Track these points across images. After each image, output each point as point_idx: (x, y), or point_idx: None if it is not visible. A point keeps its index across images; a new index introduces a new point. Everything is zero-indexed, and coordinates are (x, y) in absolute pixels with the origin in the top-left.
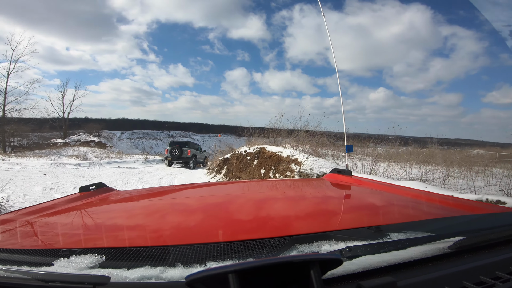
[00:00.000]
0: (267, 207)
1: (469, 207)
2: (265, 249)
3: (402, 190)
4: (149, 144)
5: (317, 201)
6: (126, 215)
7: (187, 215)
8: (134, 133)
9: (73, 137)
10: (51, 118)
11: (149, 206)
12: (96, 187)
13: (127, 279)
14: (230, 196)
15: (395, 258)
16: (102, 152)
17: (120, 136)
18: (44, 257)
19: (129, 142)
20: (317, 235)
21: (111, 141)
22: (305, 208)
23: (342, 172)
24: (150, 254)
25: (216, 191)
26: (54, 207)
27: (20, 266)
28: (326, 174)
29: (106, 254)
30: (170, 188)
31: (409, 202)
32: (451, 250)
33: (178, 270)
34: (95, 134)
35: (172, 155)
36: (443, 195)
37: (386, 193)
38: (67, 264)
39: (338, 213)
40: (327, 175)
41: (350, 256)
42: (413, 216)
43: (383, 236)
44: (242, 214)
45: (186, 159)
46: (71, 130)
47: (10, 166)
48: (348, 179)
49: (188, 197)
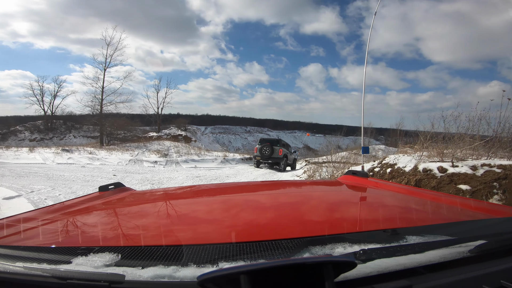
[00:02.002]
0: (281, 208)
1: (492, 210)
2: (277, 251)
3: (420, 193)
4: (228, 139)
5: (332, 203)
6: (141, 214)
7: (201, 215)
8: (216, 128)
9: (165, 131)
10: (148, 114)
11: (164, 206)
12: (114, 186)
13: (141, 277)
14: (244, 197)
15: (412, 262)
16: (183, 147)
17: (204, 130)
18: (63, 255)
19: (211, 136)
20: (331, 237)
21: (196, 135)
22: (319, 209)
23: (358, 174)
24: (164, 253)
25: (230, 192)
26: (74, 206)
27: (40, 263)
28: (341, 176)
29: (122, 253)
30: (185, 188)
31: (428, 205)
32: (471, 254)
33: (190, 269)
34: (183, 128)
35: (262, 154)
36: (464, 198)
37: (403, 196)
38: (85, 262)
39: (353, 216)
40: (342, 176)
41: (364, 259)
42: (432, 220)
43: (399, 240)
44: (256, 215)
45: (276, 159)
46: (164, 125)
47: (90, 162)
48: (364, 181)
49: (202, 197)
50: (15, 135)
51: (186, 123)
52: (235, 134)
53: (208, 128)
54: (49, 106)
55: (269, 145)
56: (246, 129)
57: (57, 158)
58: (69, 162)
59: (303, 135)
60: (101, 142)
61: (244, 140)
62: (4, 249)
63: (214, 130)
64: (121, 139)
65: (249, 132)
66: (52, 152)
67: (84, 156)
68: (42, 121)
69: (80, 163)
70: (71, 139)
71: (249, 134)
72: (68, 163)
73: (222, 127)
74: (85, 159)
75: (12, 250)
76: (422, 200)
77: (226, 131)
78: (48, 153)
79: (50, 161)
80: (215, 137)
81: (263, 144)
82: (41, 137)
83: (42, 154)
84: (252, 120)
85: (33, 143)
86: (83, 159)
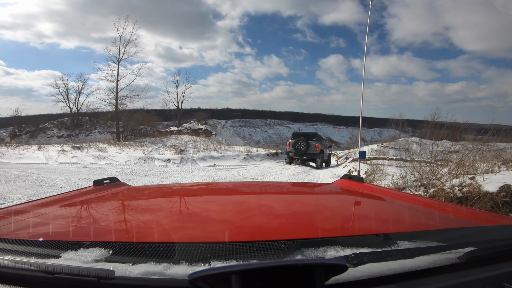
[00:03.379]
0: (275, 210)
1: (483, 218)
2: (270, 252)
3: (414, 199)
4: (249, 132)
5: (325, 206)
6: (135, 210)
7: (195, 213)
8: (236, 122)
9: (186, 125)
10: (169, 109)
11: (158, 203)
12: (110, 181)
13: (131, 274)
14: (238, 197)
15: (402, 267)
16: (202, 142)
17: (224, 124)
18: (53, 249)
19: (232, 130)
20: (324, 240)
21: (216, 128)
22: (313, 212)
23: (353, 178)
24: (156, 250)
25: (225, 191)
26: (67, 200)
27: (29, 257)
28: (337, 180)
29: (113, 248)
30: (180, 186)
31: (420, 211)
32: (460, 260)
33: (182, 267)
34: (203, 122)
35: (297, 149)
36: (456, 205)
37: (397, 201)
38: (75, 256)
39: (346, 219)
40: (338, 180)
41: (355, 263)
42: (423, 225)
43: (391, 244)
44: (249, 215)
45: (312, 155)
46: (185, 119)
47: (95, 162)
48: (359, 186)
49: (197, 195)
50: (44, 132)
51: (206, 117)
52: (255, 127)
53: (228, 122)
54: (74, 103)
55: (304, 139)
56: (266, 122)
57: (61, 157)
58: (72, 161)
59: (325, 127)
60: (117, 138)
61: (265, 133)
62: None
63: (235, 124)
64: (142, 134)
65: (269, 125)
66: (57, 151)
67: (91, 155)
68: (68, 118)
69: (83, 162)
70: (96, 135)
71: (269, 127)
72: (71, 162)
73: (242, 121)
74: (90, 158)
75: (0, 243)
76: (415, 206)
77: (246, 124)
78: (54, 151)
79: (53, 161)
80: (236, 130)
81: (297, 138)
82: (68, 134)
83: (48, 153)
84: (272, 113)
85: (61, 139)
86: (88, 158)
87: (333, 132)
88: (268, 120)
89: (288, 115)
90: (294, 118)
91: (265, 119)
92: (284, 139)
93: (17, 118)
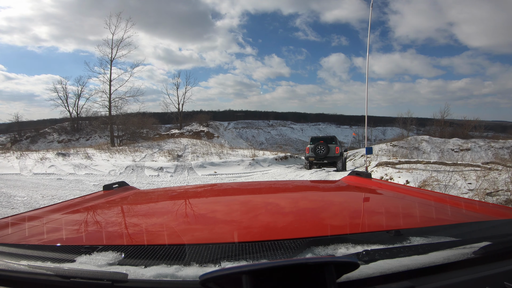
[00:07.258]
0: (284, 209)
1: (496, 212)
2: (280, 251)
3: (424, 194)
4: (252, 134)
5: (334, 203)
6: (145, 213)
7: (203, 214)
8: (239, 123)
9: (187, 127)
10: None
11: (166, 206)
12: (118, 185)
13: (144, 276)
14: (246, 197)
15: (415, 263)
16: (202, 145)
17: (227, 126)
18: (67, 253)
19: (234, 131)
20: (334, 238)
21: (218, 130)
22: (322, 210)
23: (361, 175)
24: (167, 252)
25: (231, 191)
26: (78, 205)
27: (44, 262)
28: (345, 177)
29: (125, 252)
30: (188, 188)
31: (432, 206)
32: (475, 255)
33: (193, 269)
34: (205, 124)
35: (317, 153)
36: (469, 199)
37: (407, 197)
38: (89, 260)
39: (355, 216)
40: (345, 177)
41: (367, 260)
42: (435, 221)
43: (403, 241)
44: (257, 214)
45: (333, 159)
46: (186, 122)
47: (73, 172)
48: (367, 182)
49: (204, 197)
50: (44, 138)
51: (208, 119)
52: (258, 128)
53: (231, 123)
54: (74, 107)
55: (323, 143)
56: (269, 123)
57: (37, 166)
58: (48, 172)
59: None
60: (112, 142)
61: (267, 134)
62: (8, 247)
63: (237, 125)
64: (143, 138)
65: (271, 126)
66: (35, 159)
67: (72, 163)
68: (68, 123)
69: (61, 173)
70: (97, 139)
71: (272, 128)
72: (46, 173)
73: (245, 122)
74: (69, 168)
75: (16, 249)
76: (425, 201)
77: (249, 126)
78: (32, 159)
79: (27, 171)
80: (238, 132)
81: (316, 143)
82: (69, 138)
83: (25, 161)
84: (274, 114)
85: (61, 144)
86: (67, 168)
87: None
88: (270, 121)
89: (290, 116)
90: (296, 118)
91: (267, 120)
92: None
93: (17, 124)
